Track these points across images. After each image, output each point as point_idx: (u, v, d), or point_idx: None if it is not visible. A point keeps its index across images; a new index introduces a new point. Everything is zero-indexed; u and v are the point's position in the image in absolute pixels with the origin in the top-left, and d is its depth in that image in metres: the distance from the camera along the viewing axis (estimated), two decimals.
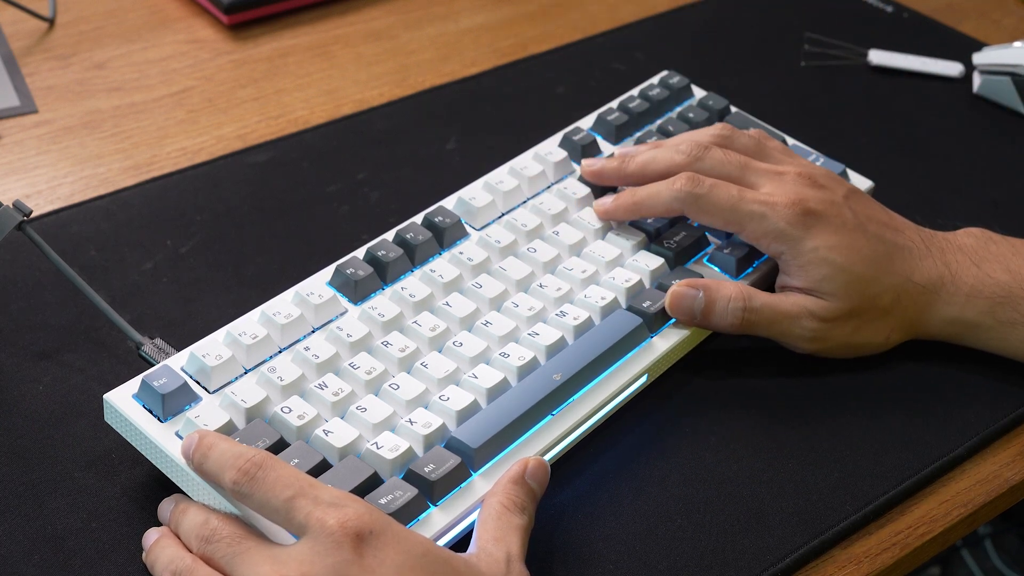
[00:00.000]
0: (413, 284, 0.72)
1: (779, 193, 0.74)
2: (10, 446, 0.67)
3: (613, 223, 0.78)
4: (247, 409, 0.63)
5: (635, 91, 0.90)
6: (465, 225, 0.77)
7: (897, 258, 0.75)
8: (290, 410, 0.64)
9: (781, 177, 0.76)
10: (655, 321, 0.72)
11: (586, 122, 0.87)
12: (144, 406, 0.63)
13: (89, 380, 0.71)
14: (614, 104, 0.88)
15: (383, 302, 0.70)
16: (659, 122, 0.87)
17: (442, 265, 0.73)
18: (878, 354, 0.77)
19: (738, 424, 0.72)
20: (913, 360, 0.77)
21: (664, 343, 0.72)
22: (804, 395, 0.75)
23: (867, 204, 0.77)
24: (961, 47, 1.07)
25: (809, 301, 0.74)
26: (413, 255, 0.74)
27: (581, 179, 0.82)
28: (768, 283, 0.79)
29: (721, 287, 0.73)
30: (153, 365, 0.66)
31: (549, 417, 0.67)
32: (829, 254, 0.73)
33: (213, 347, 0.66)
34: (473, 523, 0.63)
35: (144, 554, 0.61)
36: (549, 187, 0.81)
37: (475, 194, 0.78)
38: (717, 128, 0.79)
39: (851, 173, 0.85)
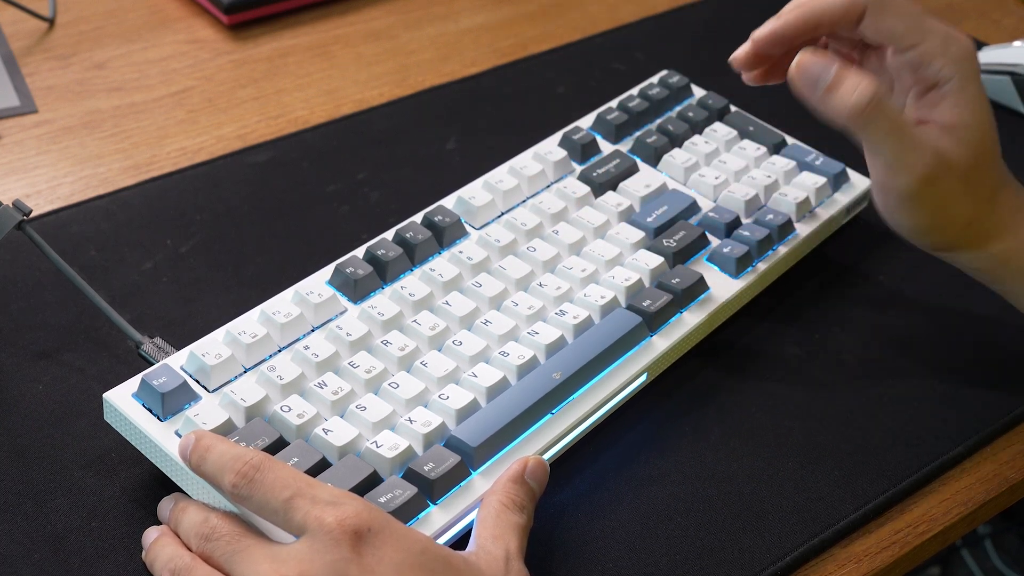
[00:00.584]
0: (413, 283, 0.72)
1: (960, 33, 0.71)
2: (10, 446, 0.67)
3: (613, 222, 0.78)
4: (247, 408, 0.63)
5: (635, 91, 0.90)
6: (465, 224, 0.77)
7: (1002, 162, 0.73)
8: (290, 409, 0.64)
9: (958, 31, 0.72)
10: (655, 320, 0.72)
11: (586, 122, 0.87)
12: (144, 405, 0.63)
13: (89, 380, 0.71)
14: (614, 104, 0.88)
15: (383, 301, 0.70)
16: (659, 121, 0.87)
17: (442, 264, 0.73)
18: (877, 358, 0.76)
19: (738, 423, 0.72)
20: (913, 360, 0.77)
21: (664, 342, 0.72)
22: (804, 394, 0.75)
23: None
24: None
25: (938, 138, 0.69)
26: (413, 254, 0.74)
27: (580, 178, 0.82)
28: (767, 283, 0.79)
29: (858, 72, 0.68)
30: (153, 364, 0.66)
31: (549, 416, 0.67)
32: (985, 109, 0.70)
33: (213, 346, 0.66)
34: (472, 522, 0.63)
35: (144, 553, 0.61)
36: (549, 186, 0.81)
37: (475, 193, 0.78)
38: None
39: (851, 173, 0.85)
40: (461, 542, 0.63)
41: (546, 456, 0.66)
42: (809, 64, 0.69)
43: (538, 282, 0.73)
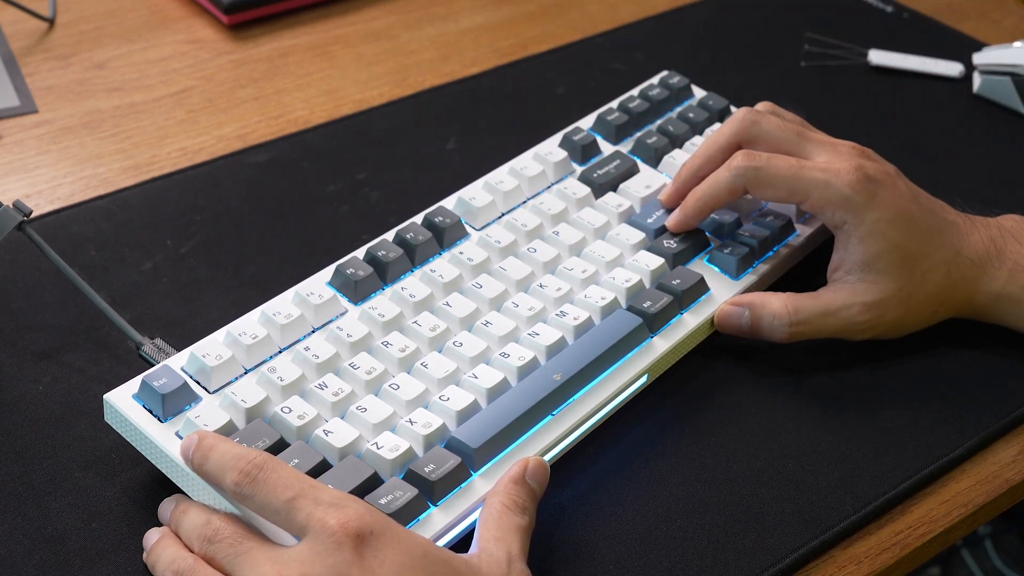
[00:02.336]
0: (413, 284, 0.72)
1: (838, 161, 0.75)
2: (10, 446, 0.67)
3: (613, 223, 0.78)
4: (247, 409, 0.63)
5: (635, 91, 0.90)
6: (465, 225, 0.77)
7: (947, 232, 0.76)
8: (290, 410, 0.64)
9: (835, 147, 0.76)
10: (655, 321, 0.72)
11: (586, 122, 0.87)
12: (144, 406, 0.63)
13: (89, 380, 0.71)
14: (614, 104, 0.88)
15: (383, 302, 0.70)
16: (659, 122, 0.87)
17: (442, 265, 0.73)
18: (877, 358, 0.77)
19: (738, 424, 0.72)
20: (913, 360, 0.77)
21: (664, 343, 0.72)
22: (804, 395, 0.75)
23: (910, 182, 0.78)
24: (961, 47, 1.07)
25: (859, 290, 0.74)
26: (413, 255, 0.74)
27: (580, 179, 0.82)
28: (768, 284, 0.79)
29: (766, 303, 0.75)
30: (153, 365, 0.66)
31: (549, 417, 0.67)
32: (889, 228, 0.74)
33: (213, 347, 0.66)
34: (473, 523, 0.63)
35: (145, 554, 0.61)
36: (549, 187, 0.81)
37: (475, 194, 0.78)
38: (763, 105, 0.81)
39: None
40: (462, 543, 0.63)
41: (547, 457, 0.66)
42: (727, 316, 0.75)
43: (538, 283, 0.73)
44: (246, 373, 0.66)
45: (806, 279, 0.82)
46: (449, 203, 0.78)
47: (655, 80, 0.91)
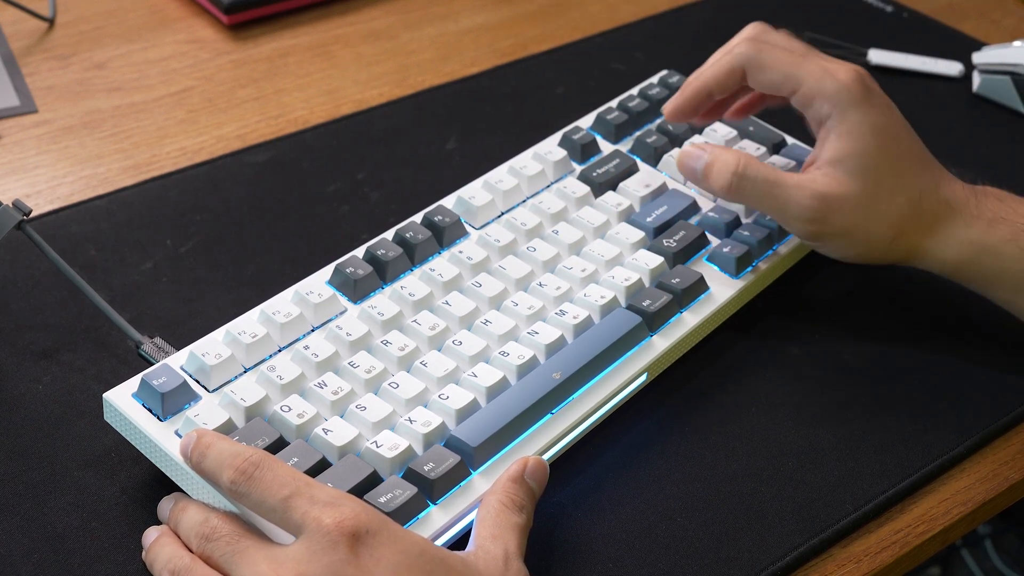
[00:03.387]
0: (412, 283, 0.72)
1: (832, 65, 0.75)
2: (10, 446, 0.67)
3: (613, 224, 0.79)
4: (247, 408, 0.63)
5: (635, 91, 0.90)
6: (465, 224, 0.77)
7: (928, 166, 0.75)
8: (289, 409, 0.64)
9: (838, 63, 0.75)
10: (655, 320, 0.72)
11: (586, 121, 0.87)
12: (144, 405, 0.63)
13: (89, 379, 0.71)
14: (614, 104, 0.88)
15: (382, 301, 0.70)
16: (659, 121, 0.87)
17: (441, 264, 0.73)
18: (877, 358, 0.76)
19: (738, 423, 0.72)
20: (913, 359, 0.77)
21: (664, 342, 0.72)
22: (804, 394, 0.75)
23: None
24: (961, 47, 1.07)
25: (817, 179, 0.73)
26: (413, 254, 0.74)
27: (580, 178, 0.82)
28: (767, 283, 0.79)
29: (723, 153, 0.75)
30: (153, 364, 0.66)
31: (548, 416, 0.67)
32: (869, 132, 0.73)
33: (212, 346, 0.66)
34: (472, 522, 0.63)
35: (143, 552, 0.61)
36: (549, 186, 0.81)
37: (475, 193, 0.78)
38: (758, 27, 0.80)
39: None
40: (461, 542, 0.63)
41: (546, 456, 0.66)
42: (684, 158, 0.76)
43: (538, 282, 0.73)
44: (245, 372, 0.66)
45: (806, 279, 0.82)
46: (449, 202, 0.78)
47: (655, 80, 0.91)
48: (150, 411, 0.63)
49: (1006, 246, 0.73)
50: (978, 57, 1.02)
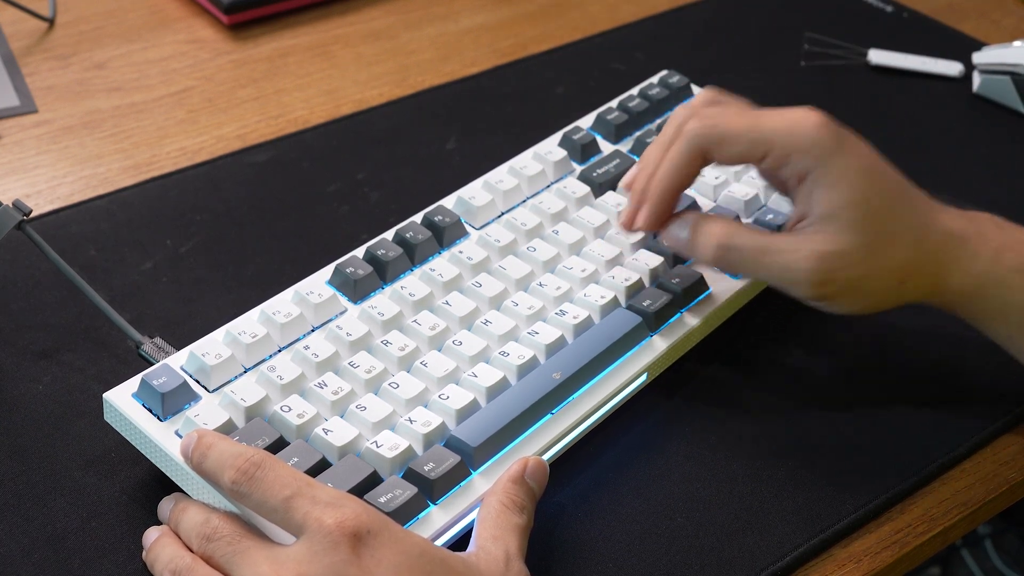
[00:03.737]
0: (413, 283, 0.72)
1: (788, 112, 0.69)
2: (10, 446, 0.67)
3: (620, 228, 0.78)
4: (247, 408, 0.63)
5: (635, 90, 0.90)
6: (465, 224, 0.77)
7: (918, 200, 0.70)
8: (290, 409, 0.64)
9: (795, 111, 0.69)
10: (655, 320, 0.72)
11: (586, 122, 0.87)
12: (144, 405, 0.63)
13: (89, 379, 0.71)
14: (614, 104, 0.88)
15: (383, 301, 0.70)
16: (658, 121, 0.87)
17: (442, 264, 0.73)
18: (877, 358, 0.76)
19: (738, 423, 0.72)
20: (912, 359, 0.77)
21: (664, 342, 0.72)
22: (804, 394, 0.75)
23: None
24: (961, 47, 1.07)
25: (814, 238, 0.67)
26: (413, 254, 0.74)
27: (580, 178, 0.82)
28: (767, 282, 0.79)
29: (707, 222, 0.70)
30: (153, 364, 0.66)
31: (549, 416, 0.67)
32: (858, 177, 0.67)
33: (213, 346, 0.66)
34: (473, 522, 0.63)
35: (144, 553, 0.61)
36: (549, 186, 0.81)
37: (475, 193, 0.78)
38: (704, 93, 0.74)
39: None
40: (461, 542, 0.63)
41: (546, 456, 0.66)
42: (670, 228, 0.72)
43: (538, 282, 0.73)
44: (245, 372, 0.66)
45: None
46: (449, 202, 0.78)
47: (655, 79, 0.91)
48: (150, 411, 0.63)
49: (1014, 276, 0.69)
50: (978, 57, 1.02)
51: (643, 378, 0.71)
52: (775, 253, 0.68)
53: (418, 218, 0.76)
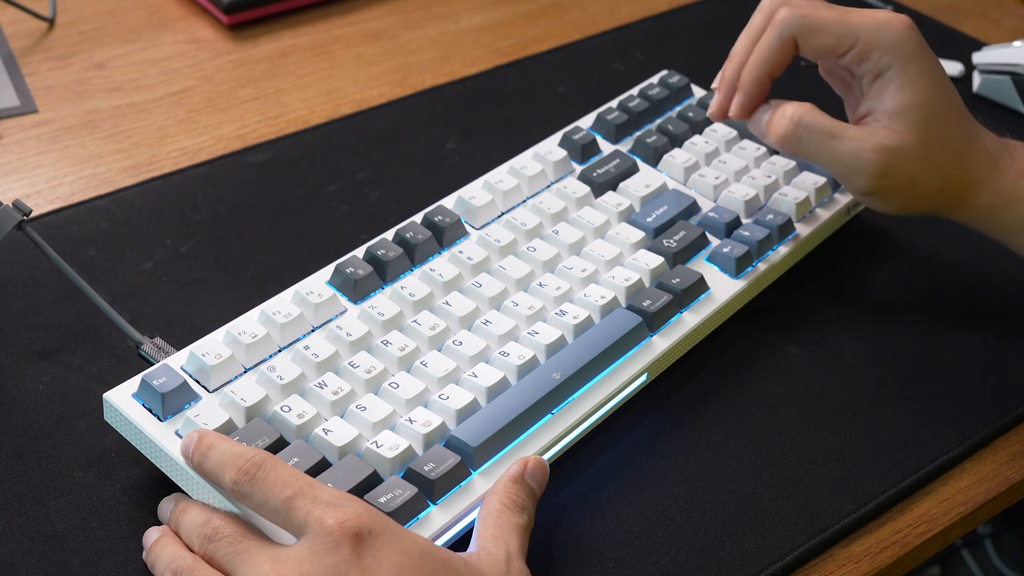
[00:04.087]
0: (413, 283, 0.72)
1: (887, 16, 0.74)
2: (10, 446, 0.67)
3: (620, 218, 0.78)
4: (247, 408, 0.63)
5: (635, 90, 0.90)
6: (465, 224, 0.77)
7: (968, 119, 0.75)
8: (290, 409, 0.64)
9: (882, 12, 0.74)
10: (655, 320, 0.72)
11: (586, 121, 0.87)
12: (144, 405, 0.63)
13: (89, 379, 0.71)
14: (614, 103, 0.88)
15: (383, 301, 0.70)
16: (659, 121, 0.87)
17: (442, 264, 0.73)
18: (877, 358, 0.77)
19: (738, 423, 0.72)
20: (912, 359, 0.77)
21: (664, 342, 0.72)
22: (804, 394, 0.75)
23: None
24: (961, 47, 1.07)
25: (880, 132, 0.73)
26: (413, 254, 0.74)
27: (580, 178, 0.82)
28: (767, 283, 0.79)
29: (785, 103, 0.74)
30: (153, 364, 0.66)
31: (549, 416, 0.67)
32: (929, 81, 0.72)
33: (213, 346, 0.66)
34: (473, 522, 0.63)
35: (144, 553, 0.61)
36: (549, 186, 0.81)
37: (475, 193, 0.78)
38: None
39: None
40: (461, 542, 0.63)
41: (546, 456, 0.66)
42: (753, 121, 0.76)
43: (538, 282, 0.73)
44: (246, 372, 0.66)
45: (806, 279, 0.82)
46: (449, 202, 0.78)
47: (655, 79, 0.91)
48: (150, 411, 0.63)
49: None
50: (978, 57, 1.02)
51: (643, 378, 0.71)
52: (844, 139, 0.73)
53: (418, 218, 0.76)
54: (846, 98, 0.78)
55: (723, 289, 0.76)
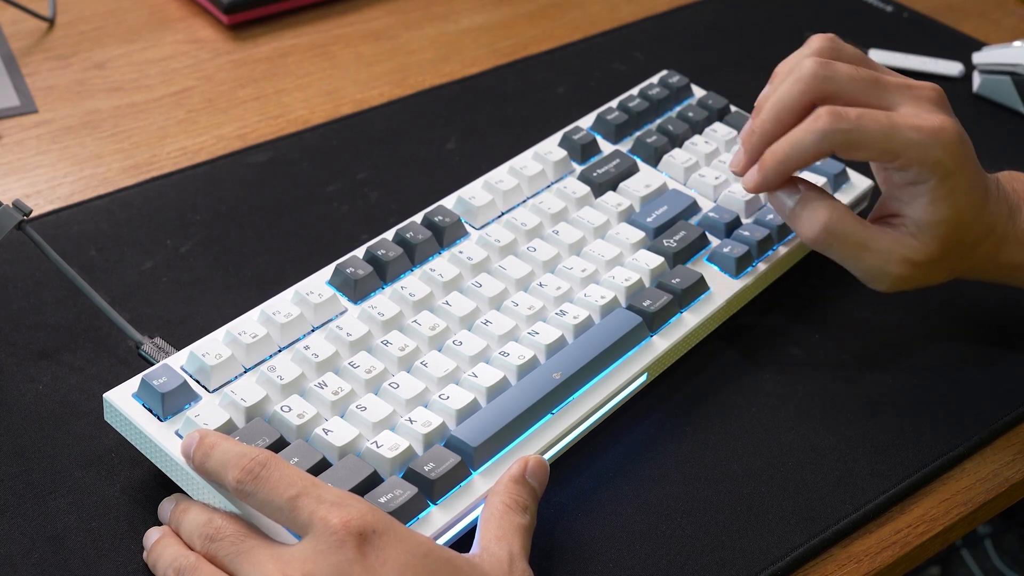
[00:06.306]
0: (413, 283, 0.72)
1: (928, 116, 0.70)
2: (10, 446, 0.67)
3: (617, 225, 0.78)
4: (247, 408, 0.63)
5: (635, 91, 0.90)
6: (465, 224, 0.77)
7: (989, 198, 0.73)
8: (290, 409, 0.64)
9: (915, 93, 0.71)
10: (655, 320, 0.72)
11: (586, 122, 0.87)
12: (144, 405, 0.63)
13: (89, 379, 0.71)
14: (614, 104, 0.88)
15: (383, 301, 0.70)
16: (659, 121, 0.87)
17: (442, 264, 0.73)
18: (877, 358, 0.77)
19: (738, 423, 0.72)
20: (913, 359, 0.77)
21: (664, 342, 0.72)
22: (804, 394, 0.75)
23: None
24: (961, 47, 1.07)
25: (908, 244, 0.71)
26: (413, 254, 0.74)
27: (580, 178, 0.82)
28: (767, 283, 0.79)
29: (816, 200, 0.71)
30: (153, 364, 0.66)
31: (549, 416, 0.67)
32: (961, 196, 0.70)
33: (213, 346, 0.66)
34: (473, 522, 0.63)
35: (145, 553, 0.61)
36: (549, 186, 0.81)
37: (475, 193, 0.78)
38: (822, 41, 0.73)
39: (851, 173, 0.85)
40: (461, 542, 0.63)
41: (546, 456, 0.66)
42: (775, 200, 0.73)
43: (538, 282, 0.73)
44: (246, 372, 0.66)
45: (806, 278, 0.82)
46: (449, 202, 0.78)
47: (655, 79, 0.91)
48: (150, 411, 0.63)
49: None
50: (978, 57, 1.02)
51: (643, 378, 0.71)
52: (872, 252, 0.71)
53: (418, 218, 0.76)
54: (880, 181, 0.75)
55: (723, 289, 0.76)
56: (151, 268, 0.79)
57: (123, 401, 0.64)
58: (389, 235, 0.75)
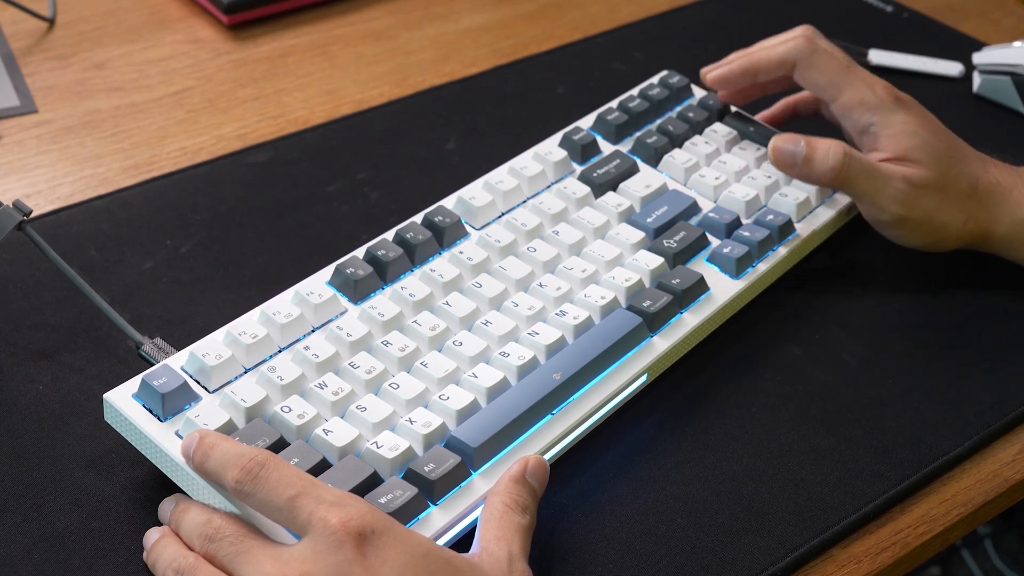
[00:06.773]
0: (413, 283, 0.72)
1: (877, 81, 0.81)
2: (10, 446, 0.67)
3: (610, 224, 0.78)
4: (247, 408, 0.63)
5: (635, 91, 0.90)
6: (465, 225, 0.77)
7: (971, 155, 0.81)
8: (290, 409, 0.64)
9: (876, 79, 0.82)
10: (655, 320, 0.72)
11: (586, 122, 0.87)
12: (144, 405, 0.63)
13: (89, 380, 0.71)
14: (614, 104, 0.88)
15: (383, 301, 0.70)
16: (659, 122, 0.87)
17: (442, 265, 0.73)
18: (877, 358, 0.77)
19: (738, 423, 0.72)
20: (913, 359, 0.77)
21: (664, 342, 0.72)
22: (804, 394, 0.75)
23: None
24: (961, 47, 1.07)
25: (901, 166, 0.78)
26: (413, 255, 0.74)
27: (580, 178, 0.82)
28: (767, 284, 0.79)
29: (821, 139, 0.79)
30: (153, 365, 0.66)
31: (549, 416, 0.67)
32: (917, 128, 0.79)
33: (213, 346, 0.66)
34: (473, 522, 0.63)
35: (145, 553, 0.61)
36: (549, 187, 0.81)
37: (475, 194, 0.78)
38: (810, 31, 0.84)
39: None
40: (462, 542, 0.63)
41: (547, 456, 0.66)
42: (781, 146, 0.80)
43: (538, 282, 0.73)
44: (246, 372, 0.66)
45: (806, 279, 0.82)
46: (449, 203, 0.78)
47: (655, 80, 0.91)
48: (150, 412, 0.63)
49: None
50: (978, 57, 1.02)
51: (643, 379, 0.71)
52: (880, 174, 0.78)
53: (418, 218, 0.76)
54: (853, 138, 0.84)
55: (723, 290, 0.76)
56: (151, 268, 0.79)
57: (123, 401, 0.64)
58: (389, 235, 0.75)
